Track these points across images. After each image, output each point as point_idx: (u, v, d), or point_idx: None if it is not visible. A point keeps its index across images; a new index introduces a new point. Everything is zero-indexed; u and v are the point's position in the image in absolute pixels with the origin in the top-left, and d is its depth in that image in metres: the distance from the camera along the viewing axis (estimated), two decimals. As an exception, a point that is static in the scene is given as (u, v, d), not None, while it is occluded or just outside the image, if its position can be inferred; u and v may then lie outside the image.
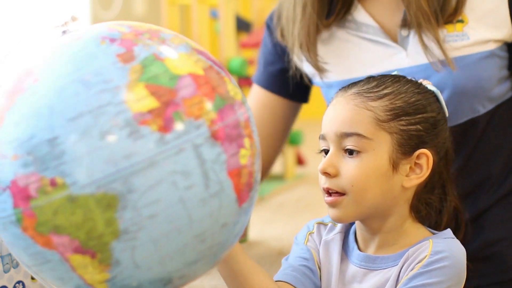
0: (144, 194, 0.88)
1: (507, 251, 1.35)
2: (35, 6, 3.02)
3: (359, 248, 1.15)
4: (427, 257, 1.07)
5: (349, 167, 1.09)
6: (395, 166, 1.10)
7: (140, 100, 0.89)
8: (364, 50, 1.37)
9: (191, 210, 0.90)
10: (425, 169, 1.12)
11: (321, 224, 1.20)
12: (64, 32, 0.98)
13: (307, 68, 1.45)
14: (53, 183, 0.89)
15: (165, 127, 0.89)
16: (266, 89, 1.55)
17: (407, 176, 1.11)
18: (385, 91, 1.12)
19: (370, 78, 1.15)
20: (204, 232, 0.92)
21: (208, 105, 0.92)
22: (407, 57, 1.34)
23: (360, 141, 1.09)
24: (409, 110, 1.11)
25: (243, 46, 3.14)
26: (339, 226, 1.18)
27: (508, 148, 1.39)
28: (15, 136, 0.91)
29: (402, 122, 1.10)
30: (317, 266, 1.17)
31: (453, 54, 1.31)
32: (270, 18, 1.54)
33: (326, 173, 1.10)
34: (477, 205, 1.36)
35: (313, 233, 1.20)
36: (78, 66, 0.91)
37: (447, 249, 1.07)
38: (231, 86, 0.97)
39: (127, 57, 0.91)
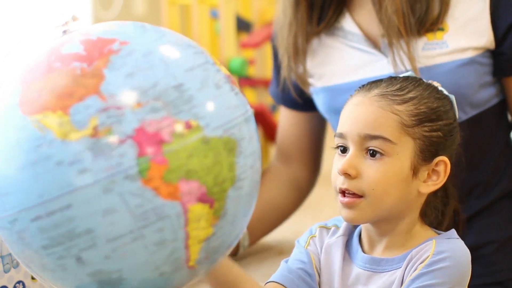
0: (248, 143, 0.95)
1: (495, 254, 1.36)
2: (35, 6, 3.02)
3: (363, 251, 1.14)
4: (429, 257, 1.06)
5: (371, 170, 1.08)
6: (415, 172, 1.09)
7: (220, 65, 0.98)
8: (348, 57, 1.38)
9: (260, 166, 1.00)
10: (442, 176, 1.11)
11: (323, 228, 1.19)
12: (64, 32, 0.97)
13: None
14: (188, 126, 0.91)
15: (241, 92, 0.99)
16: (288, 108, 1.56)
17: (424, 182, 1.11)
18: (410, 95, 1.10)
19: (392, 79, 1.14)
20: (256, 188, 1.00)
21: None
22: (388, 64, 1.35)
23: (384, 144, 1.08)
24: (432, 116, 1.10)
25: (243, 46, 3.14)
26: (341, 229, 1.17)
27: (496, 154, 1.40)
28: (134, 86, 0.91)
29: (426, 128, 1.10)
30: (315, 270, 1.16)
31: (431, 62, 1.31)
32: (274, 36, 1.55)
33: (346, 174, 1.09)
34: (467, 210, 1.37)
35: (315, 237, 1.19)
36: (160, 35, 0.97)
37: (449, 249, 1.07)
38: None
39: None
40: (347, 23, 1.41)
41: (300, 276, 1.15)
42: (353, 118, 1.11)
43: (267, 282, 1.17)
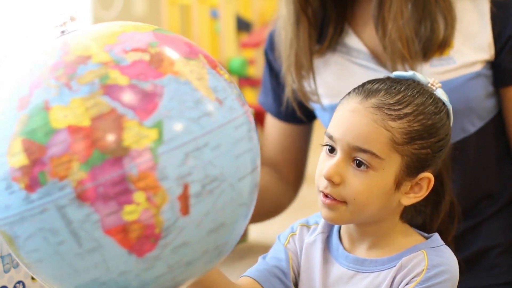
0: (25, 241, 0.91)
1: (500, 257, 1.36)
2: (35, 6, 3.03)
3: (344, 248, 1.14)
4: (424, 272, 1.06)
5: (355, 181, 1.08)
6: (398, 185, 1.09)
7: (15, 156, 0.89)
8: (354, 75, 1.36)
9: (71, 262, 0.91)
10: (424, 190, 1.11)
11: (304, 226, 1.19)
12: (62, 32, 0.97)
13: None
14: None
15: (31, 186, 0.88)
16: (281, 120, 1.55)
17: (406, 193, 1.11)
18: (406, 111, 1.09)
19: (391, 88, 1.12)
20: (99, 278, 0.92)
21: (77, 165, 0.88)
22: None
23: (372, 159, 1.07)
24: (424, 134, 1.09)
25: (244, 46, 3.15)
26: (320, 226, 1.17)
27: (502, 162, 1.40)
28: None
29: (415, 146, 1.09)
30: (291, 268, 1.16)
31: (439, 78, 1.30)
32: (269, 44, 1.53)
33: (330, 180, 1.09)
34: (477, 217, 1.37)
35: (295, 235, 1.19)
36: None
37: (443, 263, 1.07)
38: (134, 132, 0.88)
39: (23, 103, 0.90)
40: (351, 39, 1.39)
41: (274, 274, 1.15)
42: (346, 125, 1.10)
43: (241, 276, 1.17)
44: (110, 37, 0.93)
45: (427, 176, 1.10)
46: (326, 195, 1.09)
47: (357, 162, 1.08)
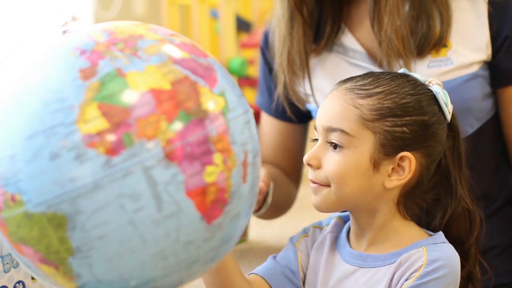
0: (91, 216, 0.88)
1: (498, 258, 1.36)
2: (35, 6, 3.03)
3: (351, 247, 1.15)
4: (423, 267, 1.06)
5: (330, 161, 1.10)
6: (376, 165, 1.10)
7: (90, 121, 0.88)
8: (351, 75, 1.36)
9: (143, 231, 0.89)
10: (407, 172, 1.11)
11: (317, 227, 1.20)
12: (64, 32, 0.98)
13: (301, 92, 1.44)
14: (13, 199, 0.90)
15: (113, 150, 0.87)
16: (277, 119, 1.54)
17: (389, 176, 1.11)
18: (376, 90, 1.11)
19: (368, 74, 1.15)
20: (164, 250, 0.91)
21: (165, 124, 0.89)
22: None
23: (343, 137, 1.10)
24: (397, 112, 1.10)
25: (243, 46, 3.15)
26: (329, 226, 1.18)
27: (499, 163, 1.40)
28: None
29: (387, 123, 1.10)
30: (300, 268, 1.17)
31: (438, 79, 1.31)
32: (264, 42, 1.52)
33: (309, 165, 1.12)
34: None
35: (307, 236, 1.20)
36: (41, 81, 0.91)
37: (442, 257, 1.07)
38: (208, 97, 0.93)
39: (88, 73, 0.89)
40: (348, 39, 1.39)
41: (283, 272, 1.17)
42: (322, 110, 1.14)
43: (249, 274, 1.18)
44: (143, 25, 0.97)
45: (407, 156, 1.11)
46: (313, 181, 1.12)
47: (333, 144, 1.10)
